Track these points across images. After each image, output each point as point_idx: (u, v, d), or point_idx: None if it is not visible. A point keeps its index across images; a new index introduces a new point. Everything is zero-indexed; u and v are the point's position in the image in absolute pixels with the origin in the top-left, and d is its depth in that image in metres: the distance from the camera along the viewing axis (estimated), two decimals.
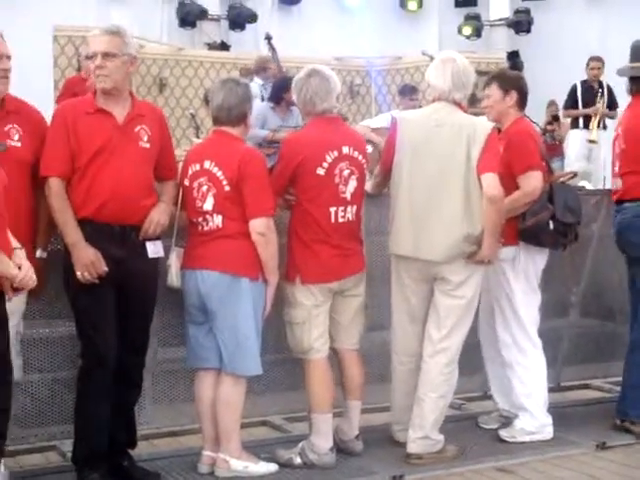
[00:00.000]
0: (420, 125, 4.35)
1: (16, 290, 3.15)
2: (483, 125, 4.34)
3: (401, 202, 4.31)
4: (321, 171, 4.19)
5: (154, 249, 3.97)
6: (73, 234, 3.82)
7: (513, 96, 4.65)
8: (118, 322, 3.88)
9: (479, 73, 5.10)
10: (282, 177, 4.22)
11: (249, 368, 4.06)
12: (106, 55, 3.85)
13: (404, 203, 4.29)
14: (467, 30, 12.45)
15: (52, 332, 4.16)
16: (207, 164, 4.04)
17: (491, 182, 4.17)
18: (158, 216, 3.95)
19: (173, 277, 4.10)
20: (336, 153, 4.22)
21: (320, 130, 4.26)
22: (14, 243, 3.26)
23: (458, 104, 4.33)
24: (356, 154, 4.29)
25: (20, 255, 3.13)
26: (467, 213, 4.20)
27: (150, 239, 3.95)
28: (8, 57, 3.78)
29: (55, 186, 3.83)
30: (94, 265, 3.79)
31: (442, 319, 4.29)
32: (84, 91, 4.96)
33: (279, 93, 7.15)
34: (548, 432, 4.66)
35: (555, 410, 4.78)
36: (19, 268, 3.15)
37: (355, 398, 4.39)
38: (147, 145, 3.95)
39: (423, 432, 4.30)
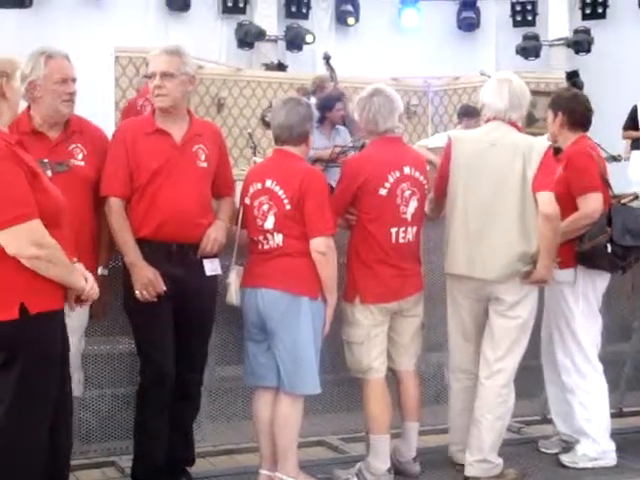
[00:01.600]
0: (475, 144, 4.33)
1: (80, 302, 3.19)
2: (539, 144, 4.30)
3: (456, 221, 4.28)
4: (383, 191, 4.18)
5: (211, 267, 4.00)
6: (132, 253, 3.86)
7: (561, 117, 4.63)
8: (177, 340, 3.91)
9: (538, 93, 5.08)
10: (344, 197, 4.23)
11: (307, 387, 4.05)
12: (165, 75, 3.91)
13: (459, 222, 4.27)
14: (525, 50, 12.37)
15: (112, 349, 4.22)
16: (268, 183, 4.06)
17: (546, 200, 4.13)
18: (215, 233, 3.98)
19: (233, 295, 4.11)
20: (398, 173, 4.21)
21: (382, 150, 4.25)
22: None
23: (514, 124, 4.31)
24: (417, 174, 4.27)
25: (80, 268, 3.17)
26: (522, 232, 4.16)
27: (208, 257, 3.98)
28: (73, 80, 3.86)
29: (115, 206, 3.89)
30: (153, 284, 3.83)
31: (497, 340, 4.25)
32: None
33: (322, 112, 7.11)
34: (611, 458, 4.56)
35: (618, 436, 4.68)
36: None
37: (413, 419, 4.35)
38: (204, 164, 3.99)
39: (481, 455, 4.24)
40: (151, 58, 4.04)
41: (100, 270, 3.91)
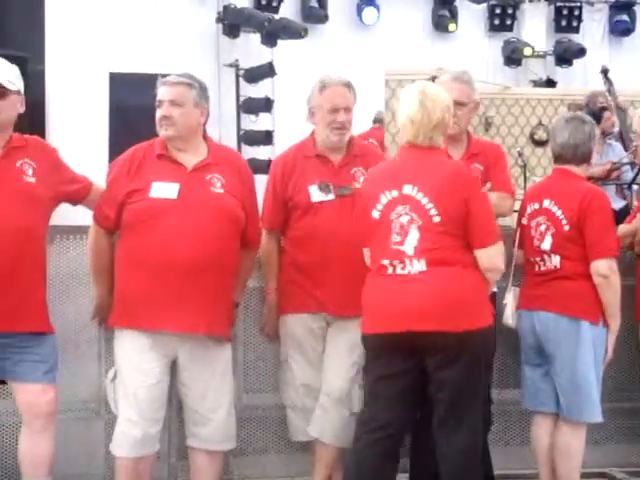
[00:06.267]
0: None
1: None
2: None
3: None
4: None
5: None
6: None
7: None
8: None
9: None
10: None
11: (588, 415, 3.89)
12: (456, 104, 3.81)
13: None
14: None
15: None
16: (546, 203, 3.96)
17: None
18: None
19: (509, 316, 4.04)
20: None
21: None
22: None
23: None
24: None
25: None
26: None
27: None
28: (346, 109, 3.94)
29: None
30: None
31: None
32: None
33: None
34: None
35: None
36: None
37: None
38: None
39: None
40: (446, 87, 3.93)
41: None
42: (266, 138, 9.41)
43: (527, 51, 11.27)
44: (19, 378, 3.56)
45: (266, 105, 9.51)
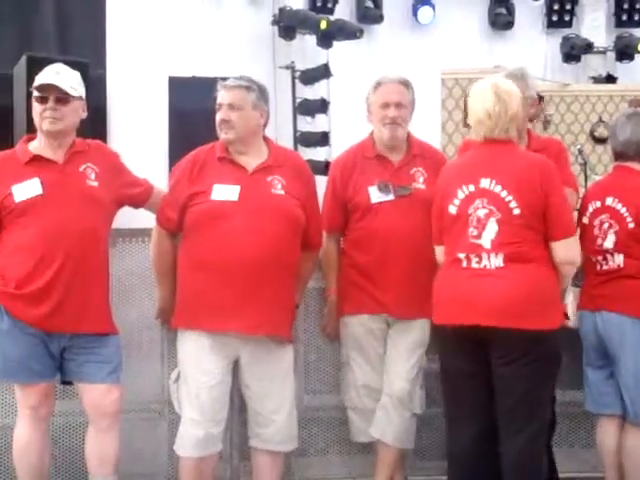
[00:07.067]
0: None
1: None
2: None
3: None
4: None
5: None
6: None
7: None
8: None
9: None
10: None
11: None
12: None
13: None
14: None
15: None
16: (609, 201, 3.90)
17: None
18: None
19: (570, 317, 4.00)
20: None
21: None
22: None
23: None
24: None
25: None
26: None
27: None
28: (397, 105, 3.91)
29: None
30: None
31: None
32: None
33: None
34: None
35: None
36: None
37: None
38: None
39: None
40: None
41: None
42: (322, 139, 9.40)
43: (587, 47, 11.11)
44: (85, 379, 3.62)
45: (322, 106, 9.50)
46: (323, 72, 9.54)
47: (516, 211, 3.46)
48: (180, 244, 3.81)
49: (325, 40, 9.55)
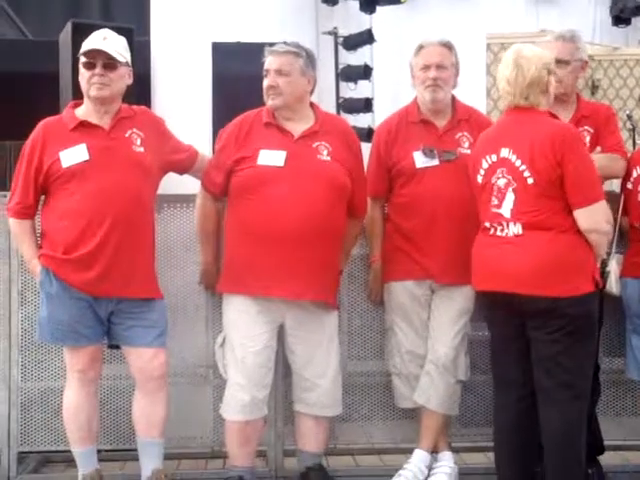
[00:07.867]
0: None
1: None
2: None
3: None
4: None
5: None
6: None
7: None
8: None
9: None
10: None
11: None
12: (559, 62, 3.77)
13: None
14: None
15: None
16: None
17: None
18: None
19: (612, 284, 3.92)
20: None
21: None
22: None
23: None
24: None
25: None
26: None
27: None
28: (438, 66, 3.87)
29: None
30: None
31: None
32: None
33: None
34: None
35: None
36: None
37: None
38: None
39: None
40: (548, 46, 3.88)
41: None
42: (365, 106, 9.33)
43: (637, 10, 10.85)
44: (131, 342, 3.67)
45: (365, 72, 9.42)
46: (366, 38, 9.45)
47: (530, 180, 3.42)
48: (226, 209, 3.82)
49: (368, 5, 9.46)
